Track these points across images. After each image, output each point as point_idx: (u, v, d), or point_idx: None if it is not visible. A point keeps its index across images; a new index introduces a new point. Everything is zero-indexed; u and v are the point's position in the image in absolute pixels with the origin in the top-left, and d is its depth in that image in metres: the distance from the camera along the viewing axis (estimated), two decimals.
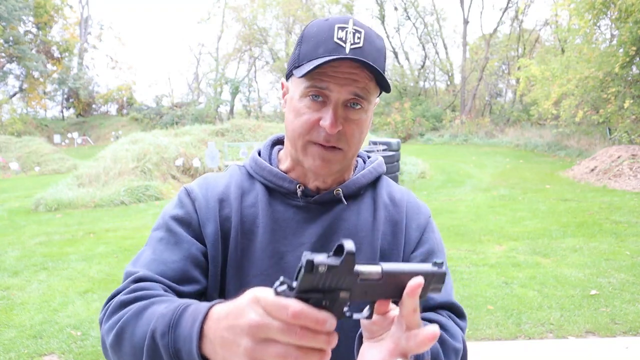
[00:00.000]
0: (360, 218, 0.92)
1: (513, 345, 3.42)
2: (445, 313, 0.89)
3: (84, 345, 3.55)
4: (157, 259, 0.83)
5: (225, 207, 0.90)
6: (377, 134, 23.01)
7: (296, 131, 0.85)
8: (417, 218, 0.96)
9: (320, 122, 0.82)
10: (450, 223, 6.91)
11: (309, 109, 0.83)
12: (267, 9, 31.94)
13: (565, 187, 9.93)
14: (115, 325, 0.72)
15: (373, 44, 0.83)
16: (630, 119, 13.64)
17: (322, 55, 0.80)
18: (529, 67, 18.12)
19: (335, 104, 0.82)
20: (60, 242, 6.62)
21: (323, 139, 0.83)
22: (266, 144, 1.02)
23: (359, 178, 0.94)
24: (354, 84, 0.81)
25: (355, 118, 0.84)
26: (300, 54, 0.84)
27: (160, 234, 0.88)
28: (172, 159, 11.72)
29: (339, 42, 0.80)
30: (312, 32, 0.84)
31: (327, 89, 0.81)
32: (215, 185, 0.93)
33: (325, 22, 0.84)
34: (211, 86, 35.66)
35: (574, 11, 14.98)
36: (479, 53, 29.42)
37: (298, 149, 0.86)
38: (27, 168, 16.69)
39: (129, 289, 0.77)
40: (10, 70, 32.09)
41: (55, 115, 37.58)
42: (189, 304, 0.66)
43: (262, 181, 0.93)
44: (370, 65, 0.79)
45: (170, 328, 0.64)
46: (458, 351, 0.83)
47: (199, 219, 0.88)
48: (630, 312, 3.82)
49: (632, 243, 5.67)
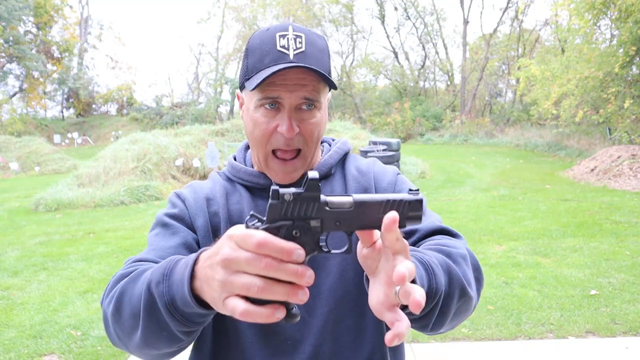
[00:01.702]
0: (334, 194, 0.96)
1: (513, 345, 3.42)
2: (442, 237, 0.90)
3: (84, 345, 3.55)
4: (155, 248, 0.89)
5: (213, 205, 0.97)
6: (377, 134, 22.99)
7: (257, 141, 0.90)
8: (385, 178, 1.01)
9: (278, 129, 0.87)
10: (450, 223, 6.84)
11: (265, 117, 0.88)
12: (267, 9, 31.97)
13: (565, 187, 9.93)
14: (115, 294, 0.75)
15: (315, 46, 0.88)
16: (630, 119, 13.64)
17: (269, 64, 0.85)
18: (529, 67, 18.11)
19: (289, 109, 0.87)
20: (60, 242, 6.62)
21: (283, 143, 0.88)
22: (240, 148, 1.09)
23: (327, 159, 1.00)
24: (304, 88, 0.86)
25: (310, 119, 0.89)
26: (248, 66, 0.89)
27: (156, 231, 0.94)
28: (172, 159, 11.72)
29: (282, 50, 0.85)
30: (256, 44, 0.88)
31: (279, 98, 0.86)
32: (202, 188, 1.00)
33: (266, 32, 0.88)
34: (211, 86, 35.69)
35: (574, 11, 14.97)
36: (479, 53, 29.42)
37: (261, 160, 0.93)
38: (27, 168, 16.68)
39: (127, 266, 0.82)
40: (10, 70, 32.08)
41: (55, 115, 37.57)
42: (181, 257, 0.69)
43: (241, 182, 1.00)
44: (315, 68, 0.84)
45: (165, 276, 0.67)
46: (465, 257, 0.83)
47: (189, 214, 0.95)
48: (630, 312, 3.82)
49: (632, 243, 5.67)
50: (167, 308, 0.66)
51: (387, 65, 33.71)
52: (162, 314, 0.67)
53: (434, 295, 0.71)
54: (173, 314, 0.66)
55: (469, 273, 0.82)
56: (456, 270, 0.77)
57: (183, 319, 0.66)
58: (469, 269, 0.83)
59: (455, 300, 0.76)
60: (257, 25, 32.36)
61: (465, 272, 0.81)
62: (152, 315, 0.68)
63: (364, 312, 0.93)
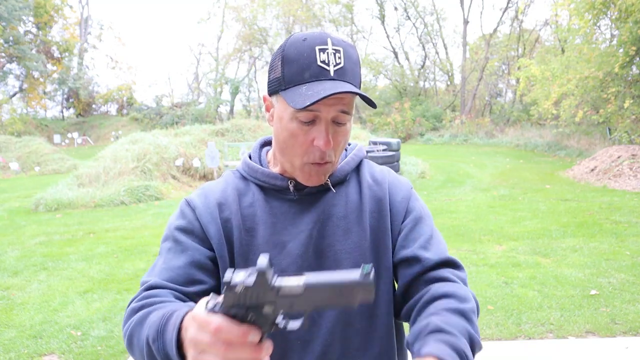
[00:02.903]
0: (349, 201, 0.99)
1: (513, 345, 3.42)
2: (446, 272, 0.93)
3: (84, 345, 3.55)
4: (166, 267, 0.92)
5: (225, 210, 0.96)
6: (377, 134, 23.00)
7: (294, 152, 0.91)
8: (400, 191, 1.03)
9: (315, 142, 0.88)
10: (450, 223, 6.91)
11: (301, 130, 0.88)
12: (267, 9, 31.95)
13: (565, 187, 9.93)
14: (127, 331, 0.83)
15: (351, 60, 0.89)
16: (630, 119, 13.63)
17: (309, 80, 0.85)
18: (529, 67, 18.10)
19: (326, 123, 0.87)
20: (60, 242, 6.62)
21: (319, 157, 0.90)
22: (255, 147, 1.09)
23: (343, 166, 1.01)
24: (341, 102, 0.86)
25: (342, 131, 0.91)
26: (285, 76, 0.87)
27: (168, 245, 0.96)
28: (172, 159, 11.72)
29: (323, 66, 0.85)
30: (293, 55, 0.86)
31: (317, 111, 0.86)
32: (213, 192, 0.99)
33: (304, 43, 0.86)
34: (211, 86, 35.68)
35: (574, 11, 14.97)
36: (479, 53, 29.41)
37: (295, 167, 0.93)
38: (27, 168, 16.68)
39: (140, 297, 0.87)
40: (10, 70, 32.06)
41: (55, 115, 37.57)
42: (174, 310, 0.75)
43: (256, 182, 1.00)
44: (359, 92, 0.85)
45: (159, 334, 0.73)
46: (474, 310, 0.87)
47: (201, 224, 0.95)
48: (630, 312, 3.82)
49: (632, 243, 5.67)
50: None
51: (387, 65, 33.73)
52: None
53: None
54: None
55: (477, 324, 0.86)
56: (475, 335, 0.82)
57: None
58: (476, 319, 0.87)
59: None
60: (257, 25, 32.37)
61: (477, 329, 0.85)
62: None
63: (374, 316, 0.95)
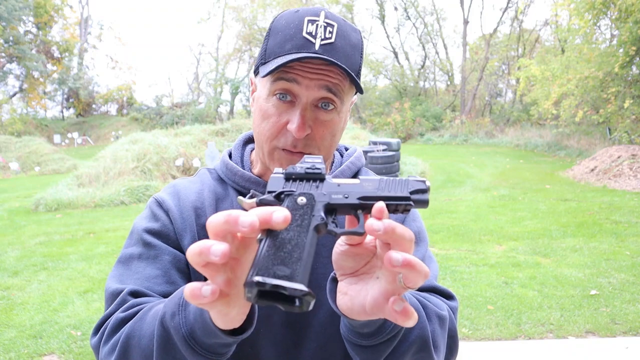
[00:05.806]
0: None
1: (513, 345, 3.42)
2: (434, 297, 0.84)
3: (83, 345, 3.54)
4: (139, 278, 0.79)
5: (202, 216, 0.84)
6: (377, 134, 22.99)
7: (263, 135, 0.79)
8: None
9: (288, 126, 0.76)
10: (450, 223, 6.91)
11: (277, 109, 0.76)
12: (267, 9, 31.92)
13: (565, 187, 9.92)
14: (119, 341, 0.69)
15: (347, 39, 0.76)
16: (630, 119, 13.64)
17: (289, 51, 0.73)
18: (529, 67, 18.12)
19: (304, 105, 0.75)
20: (60, 242, 6.62)
21: (290, 144, 0.77)
22: (237, 144, 0.95)
23: (338, 175, 0.88)
24: (324, 84, 0.74)
25: (326, 119, 0.77)
26: (267, 49, 0.77)
27: (138, 250, 0.82)
28: (172, 159, 11.72)
29: (308, 37, 0.74)
30: (280, 25, 0.77)
31: (295, 82, 0.74)
32: (188, 194, 0.87)
33: (295, 14, 0.77)
34: (211, 86, 35.70)
35: (574, 11, 14.98)
36: (479, 53, 29.42)
37: (265, 154, 0.81)
38: (27, 168, 16.68)
39: (125, 306, 0.74)
40: (10, 70, 32.07)
41: (55, 115, 37.57)
42: None
43: (235, 187, 0.88)
44: (340, 64, 0.72)
45: (180, 307, 0.61)
46: (443, 319, 0.76)
47: (175, 231, 0.83)
48: (630, 312, 3.82)
49: (632, 243, 5.67)
50: (186, 341, 0.60)
51: (387, 65, 33.74)
52: (178, 349, 0.62)
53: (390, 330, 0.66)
54: (193, 346, 0.61)
55: (440, 335, 0.75)
56: (425, 323, 0.72)
57: (204, 350, 0.61)
58: (442, 332, 0.76)
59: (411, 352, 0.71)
60: (257, 25, 32.36)
61: (435, 331, 0.74)
62: (167, 352, 0.63)
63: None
